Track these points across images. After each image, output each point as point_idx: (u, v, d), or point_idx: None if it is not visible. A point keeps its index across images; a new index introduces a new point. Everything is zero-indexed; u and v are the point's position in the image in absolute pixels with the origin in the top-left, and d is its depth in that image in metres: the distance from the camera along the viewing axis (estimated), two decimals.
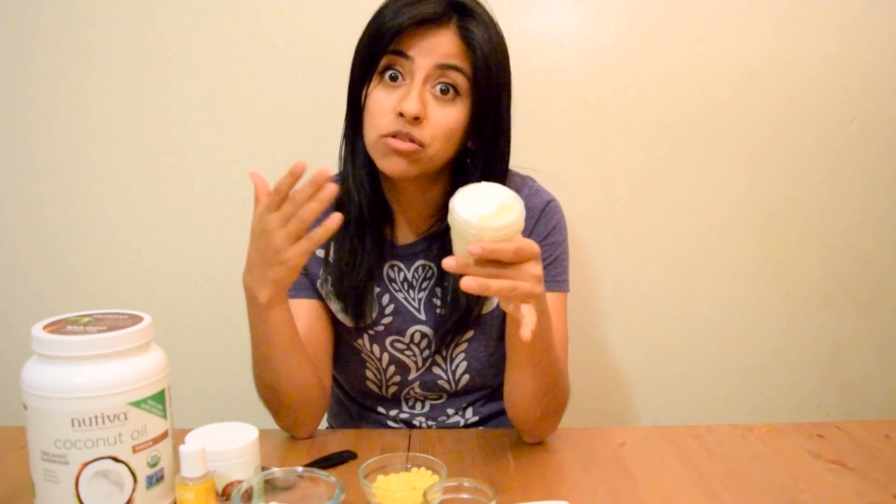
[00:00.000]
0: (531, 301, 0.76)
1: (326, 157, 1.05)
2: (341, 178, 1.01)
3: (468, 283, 0.72)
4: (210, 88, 1.50)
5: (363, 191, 0.99)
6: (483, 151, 0.97)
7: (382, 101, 0.92)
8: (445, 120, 0.92)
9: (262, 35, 1.48)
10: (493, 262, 0.73)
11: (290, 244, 0.81)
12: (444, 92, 0.92)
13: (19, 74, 1.50)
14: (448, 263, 0.73)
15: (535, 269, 0.76)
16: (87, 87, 1.50)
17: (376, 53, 0.92)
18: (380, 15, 0.93)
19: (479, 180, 0.98)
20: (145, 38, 1.49)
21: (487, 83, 0.92)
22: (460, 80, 0.92)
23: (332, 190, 0.78)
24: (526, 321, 0.75)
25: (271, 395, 0.95)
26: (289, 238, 0.80)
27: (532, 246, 0.75)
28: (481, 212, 0.73)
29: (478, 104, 0.93)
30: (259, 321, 0.89)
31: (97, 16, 1.48)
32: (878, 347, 1.64)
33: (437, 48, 0.90)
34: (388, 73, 0.92)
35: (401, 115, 0.89)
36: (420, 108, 0.89)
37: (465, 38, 0.91)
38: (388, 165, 0.93)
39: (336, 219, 0.80)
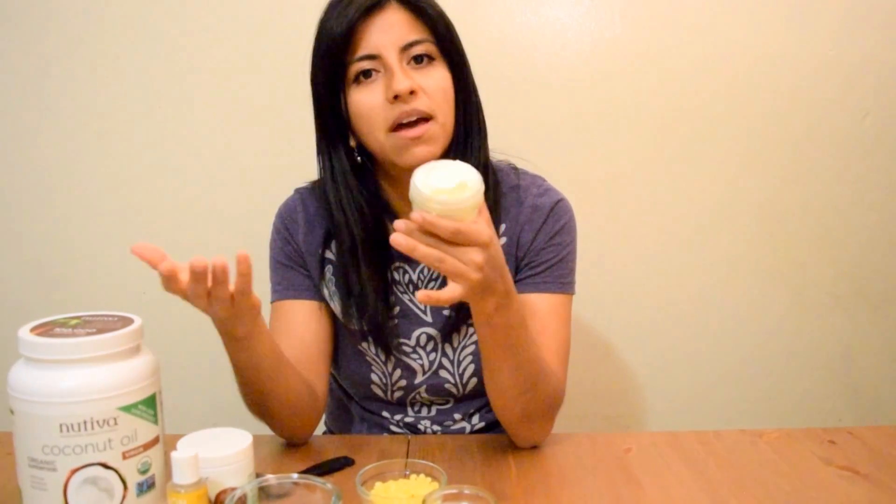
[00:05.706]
0: (462, 284, 0.76)
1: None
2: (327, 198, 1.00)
3: (397, 239, 0.73)
4: (199, 88, 1.50)
5: (355, 213, 0.98)
6: (464, 121, 0.97)
7: (370, 99, 0.91)
8: (436, 82, 0.92)
9: (253, 33, 1.47)
10: (436, 236, 0.74)
11: (228, 306, 0.77)
12: (419, 61, 0.92)
13: (0, 75, 1.50)
14: (397, 225, 0.74)
15: (477, 256, 0.75)
16: (74, 87, 1.50)
17: (340, 64, 0.92)
18: (325, 29, 0.92)
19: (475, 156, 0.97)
20: (131, 35, 1.48)
21: (450, 39, 0.95)
22: (428, 47, 0.93)
23: (246, 265, 0.75)
24: (441, 292, 0.76)
25: (260, 411, 0.95)
26: (224, 307, 0.77)
27: (479, 234, 0.74)
28: (438, 185, 0.74)
29: (451, 61, 0.95)
30: (240, 352, 0.85)
31: (82, 12, 1.47)
32: (892, 350, 1.61)
33: (393, 28, 0.91)
34: (360, 75, 0.92)
35: (395, 98, 0.89)
36: (410, 81, 0.89)
37: (412, 7, 0.92)
38: (410, 158, 0.91)
39: (245, 261, 0.76)
